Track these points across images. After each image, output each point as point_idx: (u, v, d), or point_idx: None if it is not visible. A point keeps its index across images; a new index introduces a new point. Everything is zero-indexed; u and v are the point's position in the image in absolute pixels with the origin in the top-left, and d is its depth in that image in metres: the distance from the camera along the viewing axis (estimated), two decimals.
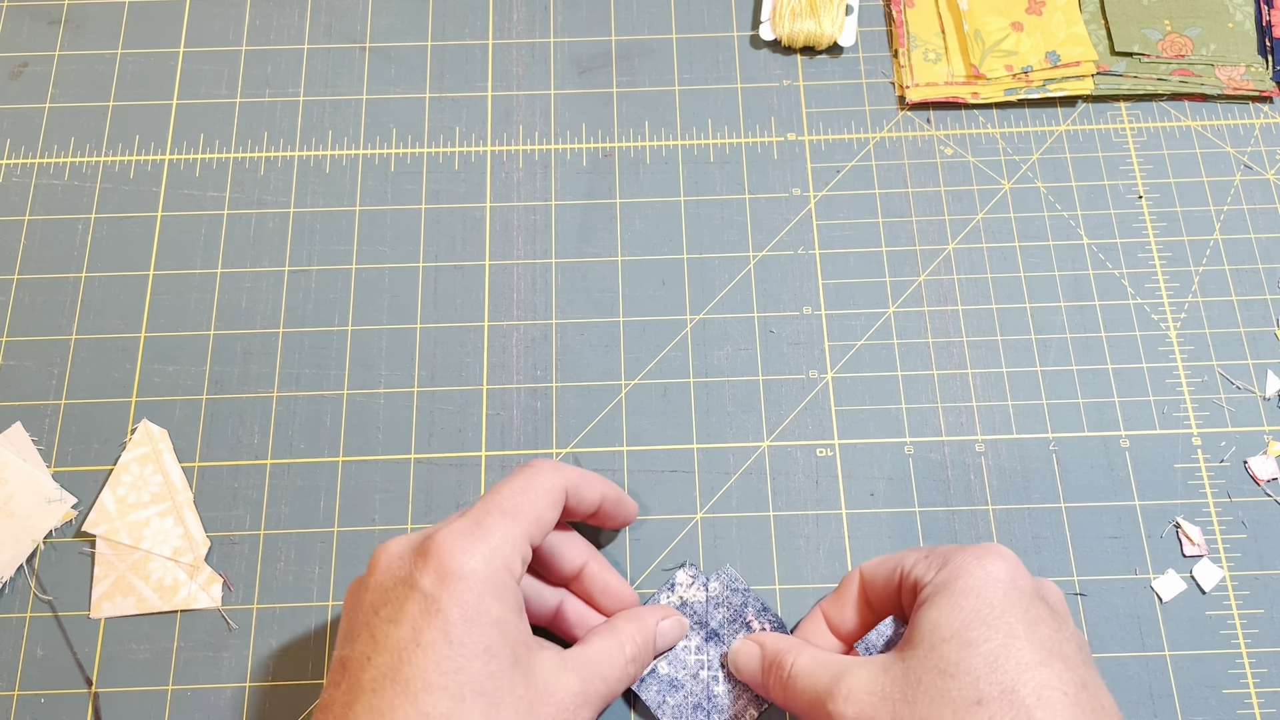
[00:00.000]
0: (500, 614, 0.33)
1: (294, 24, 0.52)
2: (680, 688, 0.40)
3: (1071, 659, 0.33)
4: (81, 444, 0.44)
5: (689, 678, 0.40)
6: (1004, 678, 0.32)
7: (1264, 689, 0.40)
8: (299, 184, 0.49)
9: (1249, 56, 0.50)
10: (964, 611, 0.33)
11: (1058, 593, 0.37)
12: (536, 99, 0.51)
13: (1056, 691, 0.32)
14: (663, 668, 0.40)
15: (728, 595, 0.41)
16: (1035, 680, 0.32)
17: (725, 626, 0.40)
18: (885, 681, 0.33)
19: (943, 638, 0.33)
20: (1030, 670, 0.32)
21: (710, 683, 0.40)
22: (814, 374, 0.45)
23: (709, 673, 0.40)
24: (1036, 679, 0.32)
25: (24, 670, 0.41)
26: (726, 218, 0.48)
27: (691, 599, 0.41)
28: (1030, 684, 0.32)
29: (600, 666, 0.36)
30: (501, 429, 0.44)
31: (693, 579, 0.41)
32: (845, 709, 0.34)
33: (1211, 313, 0.46)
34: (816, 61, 0.52)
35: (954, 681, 0.32)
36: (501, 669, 0.32)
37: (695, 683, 0.40)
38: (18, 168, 0.49)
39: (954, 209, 0.48)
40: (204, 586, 0.42)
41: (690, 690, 0.40)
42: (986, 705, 0.32)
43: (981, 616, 0.33)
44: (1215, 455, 0.44)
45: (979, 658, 0.32)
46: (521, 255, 0.48)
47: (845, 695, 0.34)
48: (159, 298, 0.47)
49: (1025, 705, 0.31)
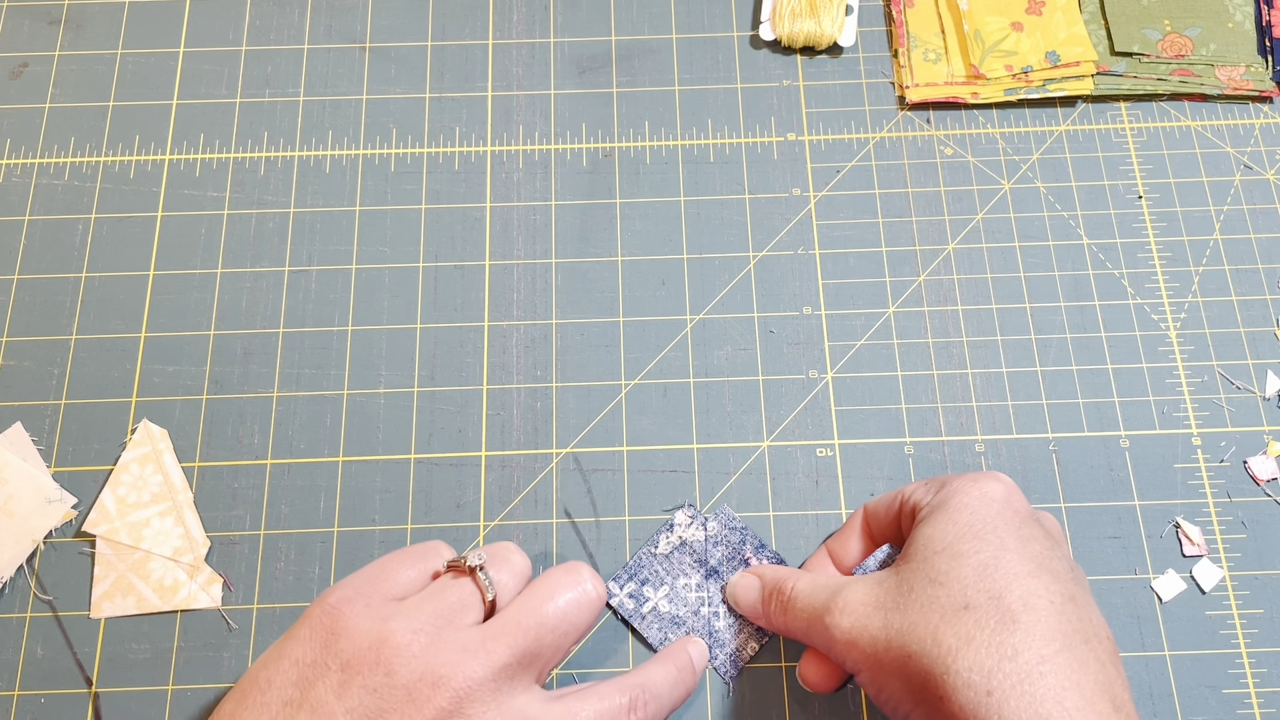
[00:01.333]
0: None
1: (294, 24, 0.52)
2: (681, 624, 0.41)
3: (1061, 574, 0.34)
4: (81, 444, 0.44)
5: (690, 614, 0.41)
6: (992, 585, 0.33)
7: (1264, 689, 0.40)
8: (299, 184, 0.49)
9: (1249, 56, 0.50)
10: (957, 526, 0.34)
11: (1055, 523, 0.38)
12: (536, 99, 0.51)
13: (1043, 600, 0.32)
14: (664, 606, 0.41)
15: (726, 534, 0.42)
16: (1023, 589, 0.32)
17: (724, 564, 0.41)
18: (879, 593, 0.35)
19: (935, 550, 0.34)
20: (1019, 579, 0.33)
21: (711, 619, 0.41)
22: (814, 374, 0.45)
23: (709, 609, 0.41)
24: (1024, 587, 0.32)
25: (24, 670, 0.41)
26: (726, 218, 0.48)
27: (690, 538, 0.42)
28: (1017, 591, 0.32)
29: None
30: (501, 429, 0.44)
31: (691, 519, 0.42)
32: (840, 620, 0.35)
33: (1211, 313, 0.46)
34: (816, 61, 0.52)
35: (943, 589, 0.33)
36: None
37: (696, 619, 0.41)
38: (18, 168, 0.49)
39: (954, 209, 0.48)
40: (204, 586, 0.42)
41: (691, 626, 0.40)
42: (973, 610, 0.32)
43: (974, 530, 0.34)
44: (1215, 455, 0.44)
45: (969, 567, 0.33)
46: (521, 255, 0.48)
47: (841, 608, 0.35)
48: (159, 298, 0.47)
49: (1011, 610, 0.32)
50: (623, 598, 0.41)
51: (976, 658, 0.31)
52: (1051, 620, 0.32)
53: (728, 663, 0.40)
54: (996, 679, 0.31)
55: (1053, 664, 0.31)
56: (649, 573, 0.42)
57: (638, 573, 0.42)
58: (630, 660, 0.41)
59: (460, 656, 0.32)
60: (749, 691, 0.40)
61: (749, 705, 0.40)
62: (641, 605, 0.41)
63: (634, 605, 0.41)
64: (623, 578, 0.42)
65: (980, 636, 0.32)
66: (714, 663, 0.40)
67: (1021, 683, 0.31)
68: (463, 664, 0.32)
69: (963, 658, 0.31)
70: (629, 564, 0.42)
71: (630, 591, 0.41)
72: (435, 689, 0.31)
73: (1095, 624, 0.33)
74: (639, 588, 0.41)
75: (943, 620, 0.32)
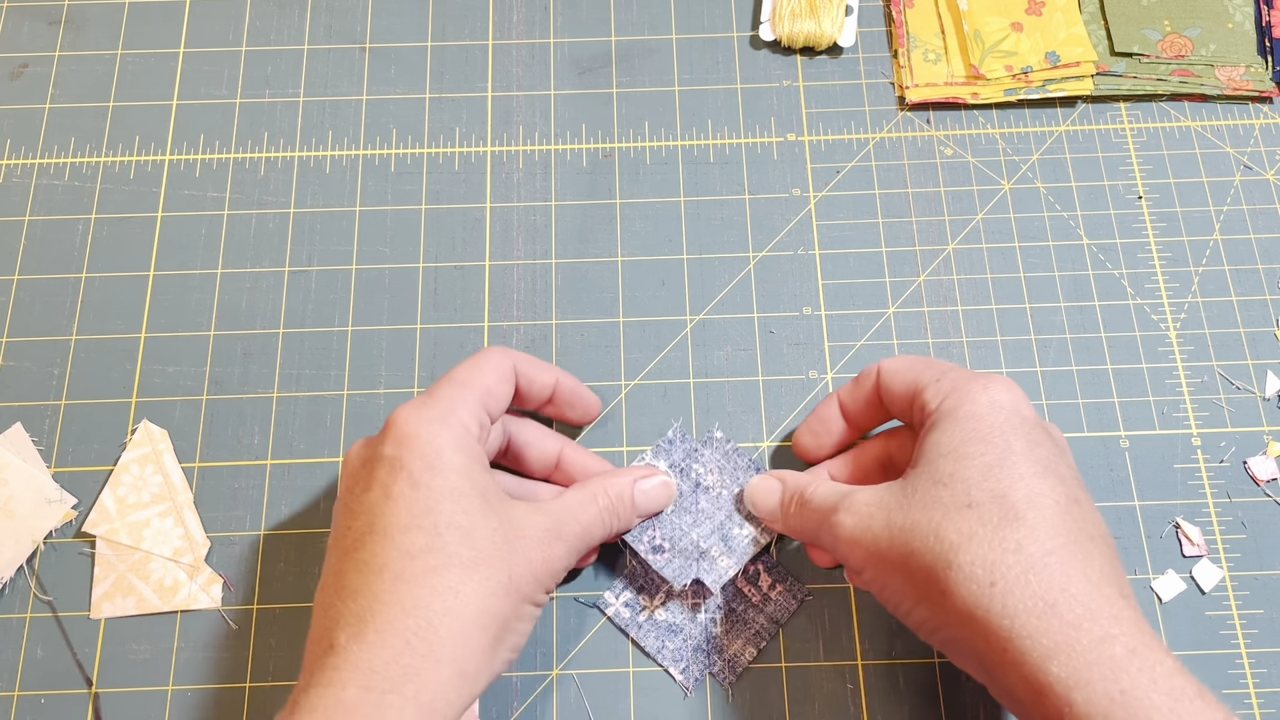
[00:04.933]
0: (462, 462, 0.34)
1: (294, 24, 0.52)
2: (679, 631, 0.41)
3: (1066, 478, 0.34)
4: (81, 444, 0.44)
5: (687, 621, 0.41)
6: (996, 485, 0.33)
7: (1264, 689, 0.40)
8: (299, 184, 0.49)
9: (1249, 57, 0.50)
10: (964, 432, 0.34)
11: (1061, 434, 0.37)
12: (536, 99, 0.51)
13: (1048, 499, 0.32)
14: (661, 614, 0.41)
15: (719, 460, 0.42)
16: (1027, 488, 0.33)
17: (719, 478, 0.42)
18: (885, 495, 0.35)
19: (940, 454, 0.34)
20: (1024, 479, 0.33)
21: (708, 625, 0.41)
22: (814, 374, 0.45)
23: (707, 615, 0.41)
24: (1029, 487, 0.33)
25: (24, 670, 0.41)
26: (726, 218, 0.48)
27: (680, 460, 0.43)
28: (1022, 490, 0.32)
29: (572, 511, 0.37)
30: None
31: (682, 438, 0.43)
32: (845, 519, 0.35)
33: (1211, 313, 0.46)
34: (816, 62, 0.52)
35: (946, 489, 0.33)
36: (472, 505, 0.34)
37: (694, 625, 0.41)
38: (18, 168, 0.49)
39: (954, 209, 0.48)
40: (204, 587, 0.42)
41: (689, 633, 0.41)
42: (976, 508, 0.32)
43: (980, 435, 0.34)
44: (1215, 455, 0.44)
45: (973, 468, 0.33)
46: (521, 256, 0.48)
47: (848, 508, 0.35)
48: (159, 298, 0.47)
49: (1015, 507, 0.32)
50: (618, 607, 0.41)
51: (980, 551, 0.32)
52: (1056, 518, 0.32)
53: (726, 669, 0.40)
54: (999, 570, 0.31)
55: (1058, 556, 0.31)
56: (645, 581, 0.41)
57: (633, 581, 0.41)
58: (630, 661, 0.41)
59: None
60: (749, 693, 0.40)
61: (749, 707, 0.40)
62: (638, 614, 0.41)
63: (630, 614, 0.41)
64: (618, 586, 0.41)
65: (983, 532, 0.32)
66: (712, 669, 0.40)
67: (1026, 573, 0.31)
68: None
69: (965, 552, 0.32)
70: (625, 572, 0.42)
71: (626, 601, 0.41)
72: None
73: (1099, 525, 0.33)
74: (635, 596, 0.41)
75: (945, 518, 0.33)
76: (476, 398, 0.36)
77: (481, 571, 0.33)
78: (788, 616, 0.41)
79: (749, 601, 0.41)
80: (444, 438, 0.34)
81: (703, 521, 0.41)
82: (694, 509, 0.41)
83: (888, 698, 0.40)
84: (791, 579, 0.41)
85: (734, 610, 0.41)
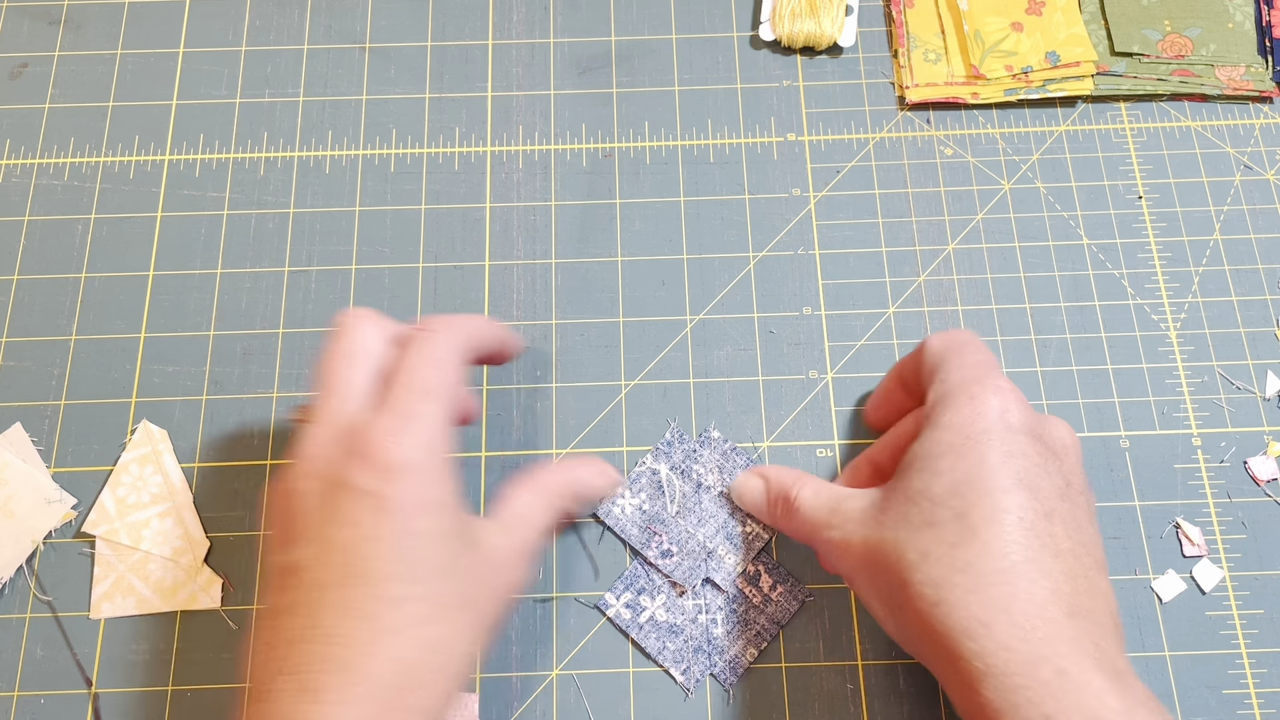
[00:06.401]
0: (443, 497, 0.33)
1: (294, 24, 0.52)
2: (679, 633, 0.41)
3: (1042, 491, 0.33)
4: (81, 444, 0.44)
5: (687, 622, 0.41)
6: (960, 502, 0.32)
7: (1264, 689, 0.40)
8: (299, 184, 0.49)
9: (1249, 57, 0.50)
10: (940, 444, 0.34)
11: (1062, 431, 0.36)
12: (536, 99, 0.51)
13: (1012, 515, 0.32)
14: (661, 615, 0.41)
15: (718, 459, 0.43)
16: (991, 504, 0.32)
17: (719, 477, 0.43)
18: (866, 508, 0.35)
19: (915, 467, 0.34)
20: (988, 495, 0.32)
21: (709, 626, 0.41)
22: (814, 374, 0.45)
23: (707, 617, 0.41)
24: (993, 503, 0.32)
25: (24, 671, 0.41)
26: (726, 218, 0.48)
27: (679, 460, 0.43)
28: (985, 507, 0.32)
29: (526, 517, 0.37)
30: (501, 429, 0.44)
31: (680, 439, 0.43)
32: (832, 535, 0.36)
33: (1211, 313, 0.46)
34: (816, 62, 0.52)
35: (914, 507, 0.33)
36: (450, 548, 0.33)
37: (694, 627, 0.41)
38: (18, 168, 0.49)
39: (954, 209, 0.48)
40: (204, 587, 0.42)
41: (689, 635, 0.41)
42: (936, 527, 0.32)
43: (955, 448, 0.33)
44: (1215, 455, 0.44)
45: (941, 485, 0.33)
46: (521, 256, 0.48)
47: (835, 523, 0.36)
48: (159, 298, 0.47)
49: (972, 526, 0.32)
50: (619, 608, 0.41)
51: (931, 571, 0.32)
52: (1015, 535, 0.31)
53: (727, 670, 0.40)
54: (944, 591, 0.31)
55: (1006, 575, 0.31)
56: (645, 582, 0.41)
57: (634, 582, 0.41)
58: (630, 662, 0.41)
59: None
60: (749, 694, 0.40)
61: (749, 707, 0.40)
62: (639, 615, 0.41)
63: (631, 615, 0.41)
64: (619, 588, 0.41)
65: (937, 551, 0.32)
66: (713, 670, 0.40)
67: (968, 594, 0.31)
68: None
69: (918, 571, 0.32)
70: (625, 574, 0.42)
71: (627, 602, 0.41)
72: None
73: (1075, 539, 0.32)
74: (635, 597, 0.41)
75: (909, 537, 0.33)
76: (447, 408, 0.34)
77: (467, 618, 0.33)
78: (789, 617, 0.41)
79: (750, 602, 0.41)
80: (428, 472, 0.33)
81: (707, 521, 0.41)
82: (697, 509, 0.42)
83: (888, 698, 0.40)
84: (792, 580, 0.41)
85: (735, 611, 0.41)
